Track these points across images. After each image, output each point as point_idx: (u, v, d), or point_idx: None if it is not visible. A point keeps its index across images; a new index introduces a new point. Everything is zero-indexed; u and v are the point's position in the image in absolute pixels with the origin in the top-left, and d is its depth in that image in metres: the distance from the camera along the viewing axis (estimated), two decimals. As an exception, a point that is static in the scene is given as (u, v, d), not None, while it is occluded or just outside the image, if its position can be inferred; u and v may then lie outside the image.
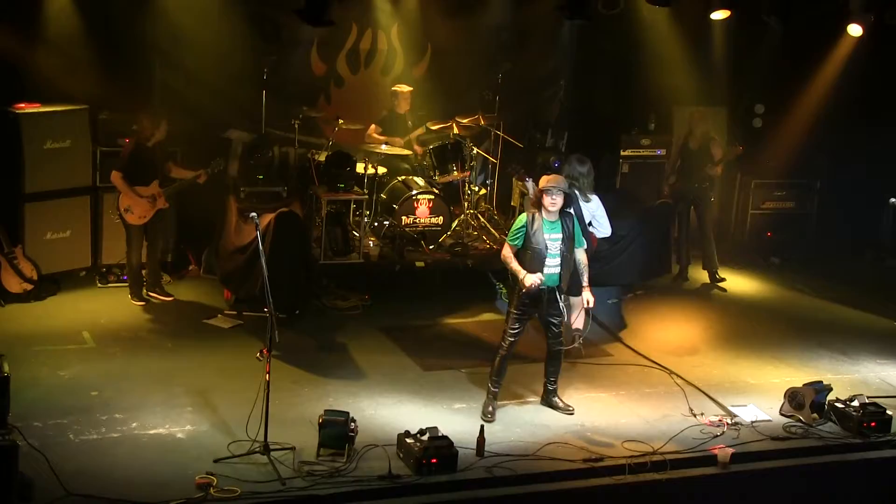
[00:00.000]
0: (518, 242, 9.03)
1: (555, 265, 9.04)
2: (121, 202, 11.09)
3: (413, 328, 11.20)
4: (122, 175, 10.97)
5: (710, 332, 11.72)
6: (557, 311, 9.20)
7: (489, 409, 9.17)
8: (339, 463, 8.08)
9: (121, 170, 10.98)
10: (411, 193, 12.36)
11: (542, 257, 8.97)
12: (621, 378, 10.27)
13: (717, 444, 8.90)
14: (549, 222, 9.00)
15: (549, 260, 9.00)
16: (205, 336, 10.58)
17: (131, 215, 11.10)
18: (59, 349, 9.91)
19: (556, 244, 9.00)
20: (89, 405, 8.79)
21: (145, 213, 11.13)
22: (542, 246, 8.96)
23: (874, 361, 11.05)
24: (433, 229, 12.48)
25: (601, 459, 8.53)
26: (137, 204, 11.08)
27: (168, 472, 7.85)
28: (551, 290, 9.12)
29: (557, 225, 9.02)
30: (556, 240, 9.00)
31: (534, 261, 8.98)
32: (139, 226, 11.16)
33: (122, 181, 10.98)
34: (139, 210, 11.10)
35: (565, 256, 9.05)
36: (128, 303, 11.23)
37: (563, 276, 9.10)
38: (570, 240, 9.07)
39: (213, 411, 8.86)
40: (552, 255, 9.00)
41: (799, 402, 9.49)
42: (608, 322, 11.65)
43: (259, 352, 8.07)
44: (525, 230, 9.00)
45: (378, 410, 9.17)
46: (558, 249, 9.02)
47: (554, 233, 9.00)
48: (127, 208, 11.08)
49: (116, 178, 10.98)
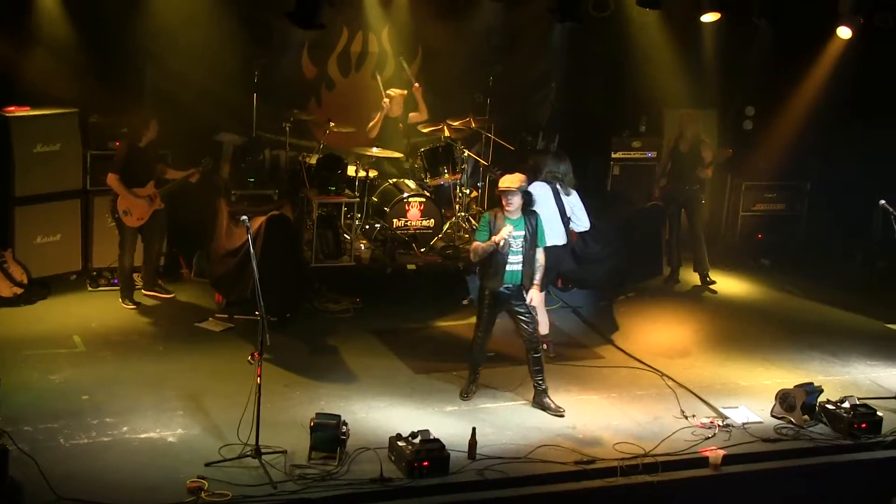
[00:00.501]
0: (483, 238, 9.26)
1: (516, 262, 9.25)
2: (119, 205, 11.09)
3: (404, 331, 11.19)
4: (118, 177, 10.96)
5: (701, 333, 11.74)
6: (525, 308, 9.37)
7: (468, 389, 9.56)
8: (331, 466, 8.07)
9: (117, 172, 10.98)
10: (402, 196, 12.36)
11: (504, 255, 9.18)
12: (613, 380, 10.27)
13: (708, 445, 8.91)
14: (511, 220, 9.20)
15: (511, 257, 9.22)
16: (196, 339, 10.56)
17: (130, 217, 11.12)
18: (49, 353, 9.89)
19: (517, 241, 9.20)
20: (80, 409, 8.77)
21: (143, 215, 11.16)
22: (504, 244, 9.16)
23: (864, 363, 11.07)
24: (424, 232, 12.48)
25: (593, 462, 8.53)
26: (136, 206, 11.09)
27: (159, 475, 7.83)
28: (516, 288, 9.30)
29: (520, 222, 9.23)
30: (518, 237, 9.20)
31: (497, 260, 9.19)
32: (135, 228, 11.17)
33: (119, 183, 10.98)
34: (137, 212, 11.11)
35: (528, 255, 9.27)
36: (119, 306, 11.21)
37: (525, 273, 9.30)
38: (533, 238, 9.27)
39: (205, 415, 8.84)
40: (514, 252, 9.21)
41: (790, 404, 9.50)
42: (599, 324, 11.67)
43: (250, 355, 8.07)
44: (488, 227, 9.23)
45: (369, 413, 9.16)
46: (520, 247, 9.22)
47: (516, 230, 9.19)
48: (126, 211, 11.09)
49: (113, 180, 10.98)
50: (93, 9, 11.64)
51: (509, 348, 10.06)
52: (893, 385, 10.16)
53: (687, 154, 13.00)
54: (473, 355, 9.63)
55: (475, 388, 9.64)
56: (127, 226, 11.16)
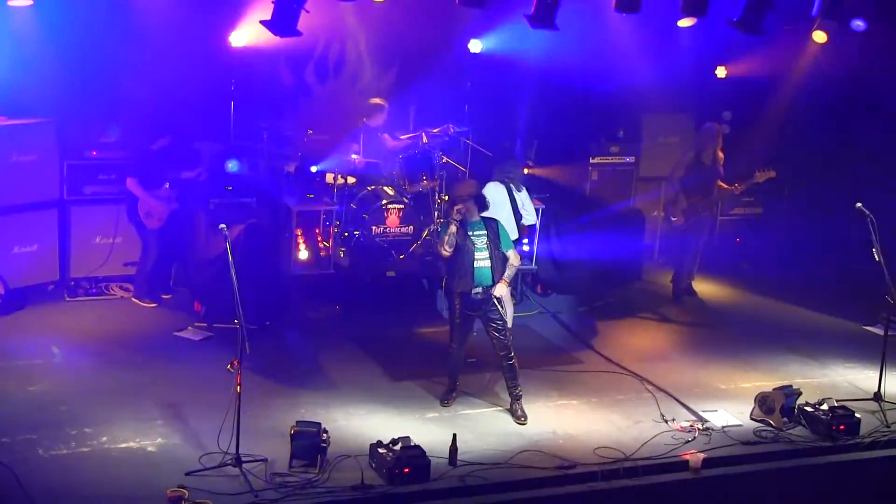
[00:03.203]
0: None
1: (484, 259, 9.38)
2: (140, 208, 11.33)
3: (384, 338, 11.19)
4: (137, 181, 11.20)
5: (681, 337, 11.79)
6: (497, 315, 9.41)
7: (447, 396, 9.61)
8: (312, 474, 8.07)
9: (135, 175, 11.22)
10: (381, 203, 12.35)
11: (471, 253, 9.33)
12: (593, 385, 10.29)
13: (688, 449, 8.95)
14: (470, 223, 9.37)
15: (477, 254, 9.36)
16: (175, 348, 10.53)
17: (151, 220, 11.38)
18: (27, 364, 9.84)
19: (481, 239, 9.38)
20: (58, 420, 8.73)
21: (162, 216, 11.42)
22: (468, 243, 9.31)
23: (843, 365, 11.13)
24: (403, 239, 12.48)
25: (574, 466, 8.55)
26: (156, 208, 11.36)
27: (139, 485, 7.81)
28: (486, 291, 9.35)
29: (479, 224, 9.43)
30: (481, 236, 9.39)
31: (464, 258, 9.31)
32: (156, 230, 11.42)
33: (139, 186, 11.22)
34: (158, 213, 11.38)
35: (494, 253, 9.38)
36: (97, 316, 11.17)
37: (494, 270, 9.40)
38: (496, 240, 9.42)
39: (184, 424, 8.82)
40: (480, 249, 9.37)
41: (769, 407, 9.54)
42: (579, 329, 11.70)
43: (230, 363, 8.06)
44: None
45: (350, 421, 9.16)
46: (485, 244, 9.38)
47: (477, 230, 9.39)
48: (147, 213, 11.34)
49: (133, 184, 11.24)
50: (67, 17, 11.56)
51: (490, 355, 10.05)
52: (871, 387, 10.20)
53: (710, 167, 12.58)
54: (450, 367, 9.67)
55: (455, 395, 9.66)
56: (149, 228, 11.39)
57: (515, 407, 9.46)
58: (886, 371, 10.10)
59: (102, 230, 11.75)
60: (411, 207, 12.51)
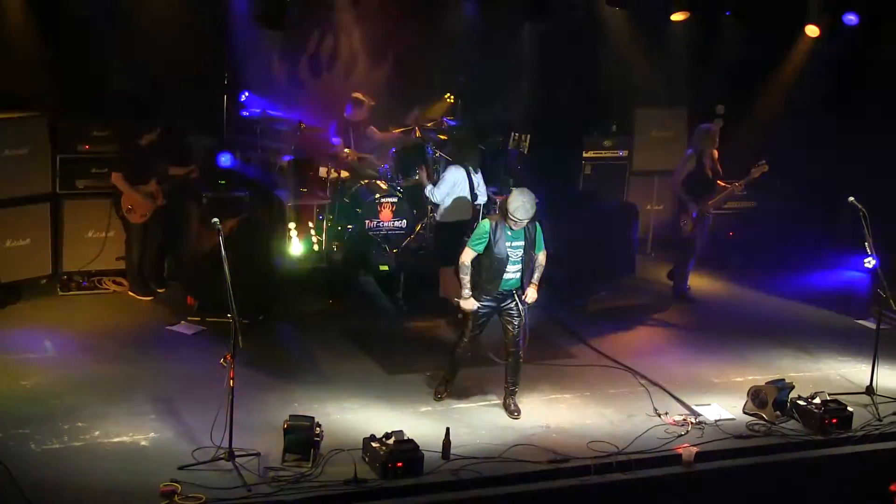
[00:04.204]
0: (480, 248, 9.08)
1: (515, 271, 9.13)
2: (123, 202, 11.28)
3: (378, 332, 11.19)
4: (122, 175, 11.16)
5: (674, 332, 11.80)
6: (515, 310, 9.25)
7: (440, 390, 9.47)
8: (305, 468, 8.06)
9: (119, 170, 11.17)
10: (374, 197, 12.35)
11: (503, 265, 9.05)
12: (586, 379, 10.30)
13: (681, 443, 8.96)
14: (510, 232, 9.05)
15: (510, 267, 9.08)
16: (168, 343, 10.52)
17: (134, 215, 11.32)
18: (20, 358, 9.82)
19: (517, 252, 9.06)
20: (51, 414, 8.71)
21: (146, 212, 11.34)
22: (503, 255, 9.04)
23: (835, 359, 11.16)
24: (396, 233, 12.47)
25: (567, 460, 8.56)
26: (138, 203, 11.29)
27: (132, 480, 7.79)
28: (510, 293, 9.20)
29: (521, 232, 9.06)
30: (518, 248, 9.06)
31: (494, 268, 9.06)
32: (139, 225, 11.36)
33: (123, 181, 11.19)
34: (141, 209, 11.32)
35: (525, 262, 9.13)
36: (90, 310, 11.14)
37: (523, 279, 9.18)
38: (532, 245, 9.14)
39: (177, 418, 8.81)
40: (513, 262, 9.09)
41: (762, 401, 9.56)
42: (571, 324, 11.69)
43: (223, 357, 8.04)
44: (488, 238, 9.04)
45: (343, 415, 9.15)
46: (519, 257, 9.09)
47: (516, 241, 9.06)
48: (129, 208, 11.29)
49: (117, 178, 11.20)
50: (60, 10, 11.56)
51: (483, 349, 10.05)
52: (863, 380, 10.22)
53: (711, 168, 12.47)
54: (455, 360, 9.50)
55: (448, 391, 9.59)
56: (132, 223, 11.34)
57: (509, 402, 9.43)
58: (878, 365, 10.12)
59: (95, 224, 11.71)
60: (404, 201, 12.50)
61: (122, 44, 11.88)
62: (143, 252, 11.56)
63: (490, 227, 9.04)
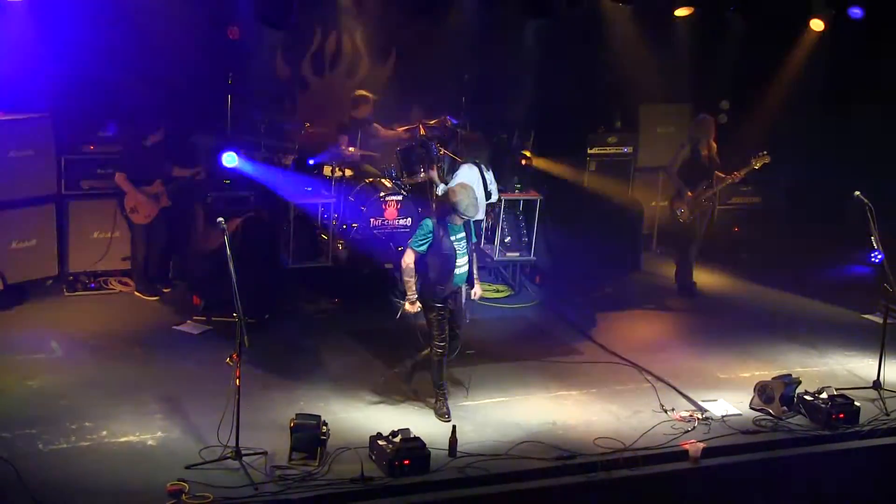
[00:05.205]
0: (423, 249, 9.06)
1: (463, 264, 9.20)
2: (126, 203, 11.30)
3: (383, 330, 11.17)
4: (125, 176, 11.20)
5: (680, 327, 11.79)
6: (459, 310, 9.36)
7: (444, 410, 9.17)
8: (312, 466, 8.06)
9: (123, 171, 11.20)
10: (379, 195, 12.34)
11: (452, 261, 9.06)
12: (592, 375, 10.29)
13: (688, 439, 8.95)
14: (452, 226, 9.09)
15: (458, 261, 9.12)
16: (174, 342, 10.53)
17: (137, 215, 11.34)
18: (26, 358, 9.83)
19: (461, 244, 9.12)
20: (58, 414, 8.73)
21: (150, 213, 11.36)
22: (450, 251, 9.05)
23: (842, 354, 11.14)
24: (401, 231, 12.47)
25: (573, 457, 8.55)
26: (142, 203, 11.30)
27: (139, 479, 7.80)
28: (458, 289, 9.28)
29: (460, 227, 9.15)
30: (462, 239, 9.14)
31: (444, 266, 9.04)
32: (143, 225, 11.37)
33: (127, 182, 11.20)
34: (144, 210, 11.34)
35: (470, 252, 9.23)
36: (96, 311, 11.16)
37: (470, 271, 9.28)
38: (470, 237, 9.23)
39: (184, 418, 8.82)
40: (461, 255, 9.13)
41: (768, 396, 9.55)
42: (577, 320, 11.69)
43: (229, 357, 8.05)
44: (432, 237, 9.03)
45: (349, 413, 9.16)
46: (465, 249, 9.15)
47: (459, 233, 9.13)
48: (133, 208, 11.32)
49: (121, 179, 11.23)
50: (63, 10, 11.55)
51: (487, 345, 10.05)
52: (870, 375, 10.21)
53: (707, 158, 12.45)
54: (440, 370, 9.23)
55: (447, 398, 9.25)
56: (135, 223, 11.37)
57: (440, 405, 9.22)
58: (885, 359, 10.12)
59: (100, 225, 11.73)
60: (409, 199, 12.50)
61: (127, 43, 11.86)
62: (149, 252, 11.59)
63: (433, 225, 9.04)
